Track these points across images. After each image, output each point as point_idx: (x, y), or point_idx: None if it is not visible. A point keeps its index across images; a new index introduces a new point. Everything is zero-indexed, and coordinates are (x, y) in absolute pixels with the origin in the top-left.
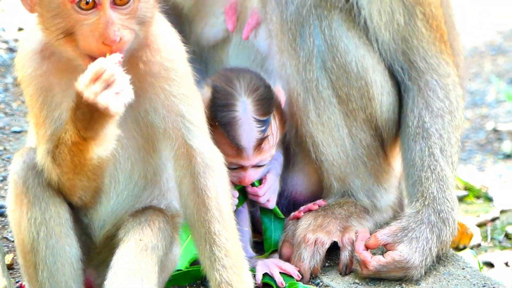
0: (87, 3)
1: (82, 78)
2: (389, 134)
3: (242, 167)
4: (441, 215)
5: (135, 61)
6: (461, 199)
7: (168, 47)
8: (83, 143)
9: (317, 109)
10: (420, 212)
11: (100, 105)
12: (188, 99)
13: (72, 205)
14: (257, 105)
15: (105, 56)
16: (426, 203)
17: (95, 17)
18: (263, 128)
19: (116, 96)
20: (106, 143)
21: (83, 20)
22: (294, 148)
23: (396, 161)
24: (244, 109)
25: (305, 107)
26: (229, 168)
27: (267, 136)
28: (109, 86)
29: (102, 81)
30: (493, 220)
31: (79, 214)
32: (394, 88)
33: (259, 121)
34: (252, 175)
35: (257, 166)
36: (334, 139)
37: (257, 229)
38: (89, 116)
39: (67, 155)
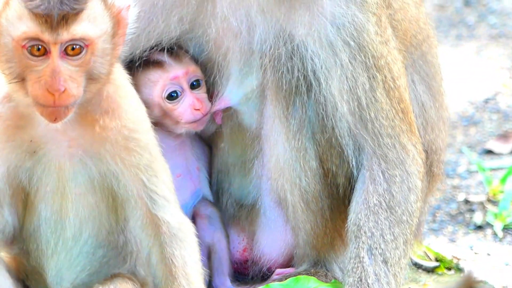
0: (38, 49)
1: None
2: None
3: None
4: None
5: (92, 123)
6: (432, 270)
7: (130, 115)
8: None
9: (305, 178)
10: None
11: None
12: (151, 169)
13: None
14: None
15: (50, 105)
16: None
17: (44, 64)
18: None
19: None
20: None
21: (34, 66)
22: (269, 210)
23: None
24: None
25: (291, 174)
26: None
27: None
28: None
29: None
30: None
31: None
32: None
33: None
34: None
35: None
36: (316, 210)
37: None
38: None
39: None
